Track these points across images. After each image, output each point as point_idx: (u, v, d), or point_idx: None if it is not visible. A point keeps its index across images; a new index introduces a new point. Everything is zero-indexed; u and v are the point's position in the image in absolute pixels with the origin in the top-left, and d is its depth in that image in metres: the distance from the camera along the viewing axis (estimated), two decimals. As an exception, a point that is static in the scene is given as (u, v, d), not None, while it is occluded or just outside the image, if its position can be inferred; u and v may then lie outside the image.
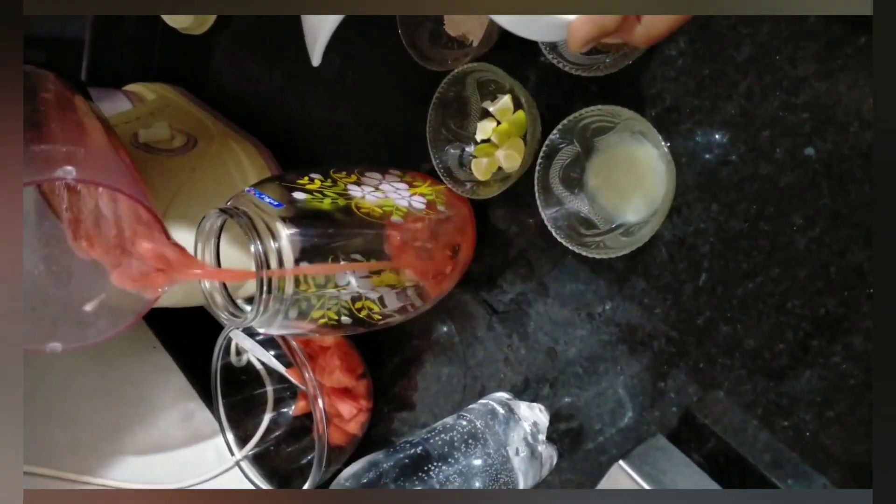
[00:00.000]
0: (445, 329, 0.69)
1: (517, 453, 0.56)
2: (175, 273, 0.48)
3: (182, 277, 0.49)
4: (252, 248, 0.49)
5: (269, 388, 0.84)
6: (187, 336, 0.90)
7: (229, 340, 0.77)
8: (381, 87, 0.70)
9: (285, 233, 0.50)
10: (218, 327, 0.90)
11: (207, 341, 0.88)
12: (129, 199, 0.46)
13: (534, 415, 0.59)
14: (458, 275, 0.63)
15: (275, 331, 0.55)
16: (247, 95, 0.85)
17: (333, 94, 0.74)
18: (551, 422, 0.59)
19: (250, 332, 0.76)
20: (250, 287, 0.76)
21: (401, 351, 0.74)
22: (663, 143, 0.46)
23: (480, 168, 0.58)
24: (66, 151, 0.46)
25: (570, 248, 0.51)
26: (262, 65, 0.82)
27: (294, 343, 0.68)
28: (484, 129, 0.58)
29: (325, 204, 0.54)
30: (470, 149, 0.60)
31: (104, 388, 0.79)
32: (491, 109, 0.58)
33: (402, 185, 0.61)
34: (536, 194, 0.52)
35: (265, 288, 0.49)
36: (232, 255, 0.61)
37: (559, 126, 0.51)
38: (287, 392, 0.85)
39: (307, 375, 0.67)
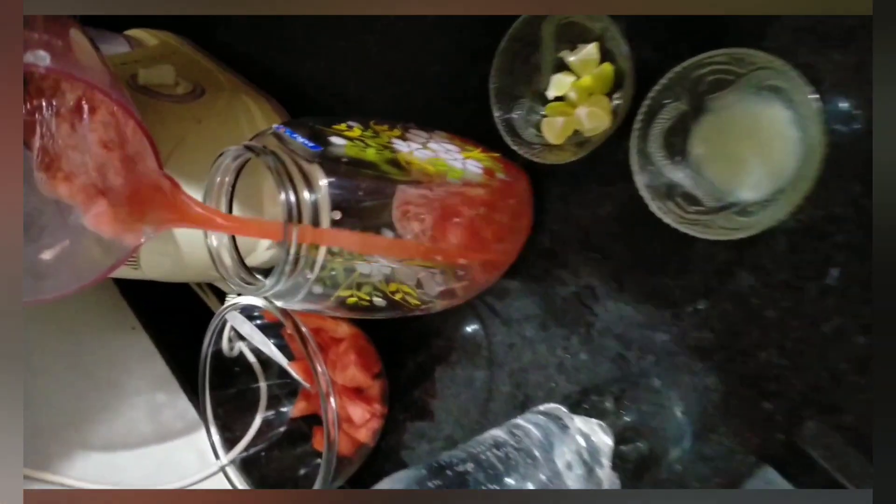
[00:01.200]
0: (481, 325, 0.59)
1: (569, 467, 0.45)
2: (172, 214, 0.37)
3: (182, 222, 0.38)
4: (282, 198, 0.38)
5: (263, 384, 0.73)
6: (171, 318, 0.79)
7: (223, 324, 0.66)
8: (421, 36, 0.60)
9: (324, 182, 0.40)
10: (205, 310, 0.79)
11: (194, 325, 0.77)
12: (117, 110, 0.35)
13: (591, 430, 0.49)
14: (510, 259, 0.53)
15: (294, 305, 0.45)
16: (261, 51, 0.74)
17: (363, 43, 0.64)
18: (614, 442, 0.49)
19: (249, 315, 0.65)
20: (257, 256, 0.66)
21: (425, 348, 0.63)
22: (812, 98, 0.37)
23: (555, 129, 0.48)
24: (42, 39, 0.36)
25: (674, 225, 0.41)
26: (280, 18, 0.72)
27: (305, 330, 0.57)
28: (559, 84, 0.48)
29: (370, 154, 0.43)
30: (539, 108, 0.50)
31: (71, 367, 0.68)
32: (571, 59, 0.48)
33: (453, 147, 0.50)
34: (632, 160, 0.43)
35: (294, 250, 0.39)
36: (242, 212, 0.51)
37: (667, 76, 0.41)
38: (284, 389, 0.73)
39: (319, 369, 0.56)
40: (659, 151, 0.43)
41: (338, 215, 0.40)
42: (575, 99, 0.48)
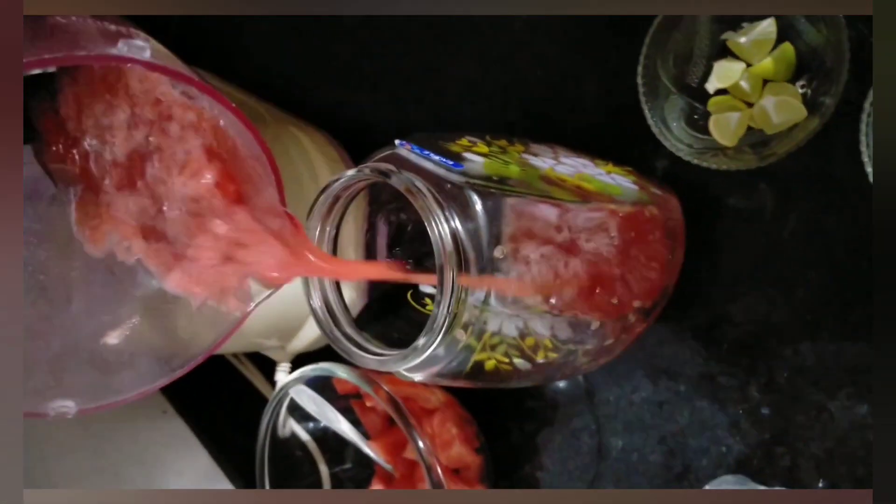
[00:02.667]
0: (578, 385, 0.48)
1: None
2: (296, 265, 0.27)
3: (307, 273, 0.27)
4: (435, 232, 0.28)
5: (325, 471, 0.61)
6: (208, 397, 0.67)
7: (283, 400, 0.55)
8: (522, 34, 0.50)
9: (479, 207, 0.29)
10: (244, 386, 0.67)
11: (234, 403, 0.66)
12: (232, 126, 0.25)
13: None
14: (667, 295, 0.42)
15: (422, 377, 0.34)
16: (300, 80, 0.64)
17: (443, 43, 0.54)
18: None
19: (318, 388, 0.53)
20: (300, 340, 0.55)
21: (530, 412, 0.52)
22: None
23: (728, 128, 0.38)
24: (121, 29, 0.26)
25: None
26: (315, 42, 0.61)
27: (398, 400, 0.46)
28: (726, 73, 0.39)
29: (514, 171, 0.33)
30: (696, 105, 0.40)
31: (97, 469, 0.55)
32: (741, 41, 0.38)
33: (586, 161, 0.40)
34: (865, 150, 0.33)
35: (454, 299, 0.28)
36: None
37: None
38: (349, 473, 0.62)
39: (421, 447, 0.45)
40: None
41: (501, 252, 0.30)
42: (748, 90, 0.38)
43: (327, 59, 0.60)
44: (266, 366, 0.65)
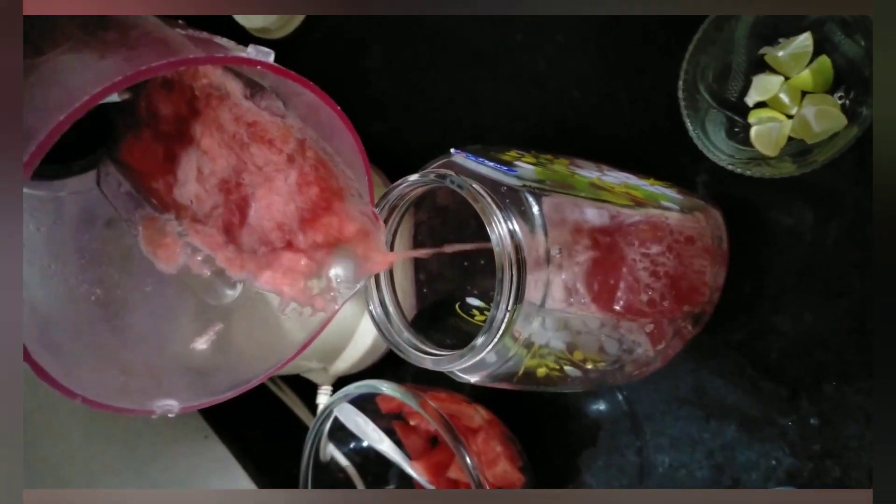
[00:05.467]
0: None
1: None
2: (378, 262, 0.28)
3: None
4: (495, 232, 0.29)
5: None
6: (247, 420, 0.67)
7: (325, 422, 0.55)
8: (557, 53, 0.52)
9: (536, 209, 0.30)
10: (283, 412, 0.68)
11: (273, 426, 0.66)
12: (331, 113, 0.26)
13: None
14: (713, 302, 0.43)
15: (477, 378, 0.35)
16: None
17: (470, 70, 0.56)
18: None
19: (363, 407, 0.54)
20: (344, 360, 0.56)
21: (578, 431, 0.52)
22: None
23: (770, 139, 0.39)
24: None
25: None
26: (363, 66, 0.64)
27: (444, 416, 0.47)
28: (765, 86, 0.40)
29: (564, 177, 0.34)
30: (737, 118, 0.41)
31: (140, 488, 0.56)
32: (779, 55, 0.39)
33: (628, 174, 0.41)
34: None
35: (513, 298, 0.29)
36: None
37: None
38: (388, 497, 0.61)
39: (469, 463, 0.45)
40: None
41: (557, 251, 0.30)
42: (787, 102, 0.39)
43: (362, 85, 0.62)
44: (305, 392, 0.65)
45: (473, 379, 0.34)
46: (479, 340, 0.30)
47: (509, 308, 0.29)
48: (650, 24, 0.46)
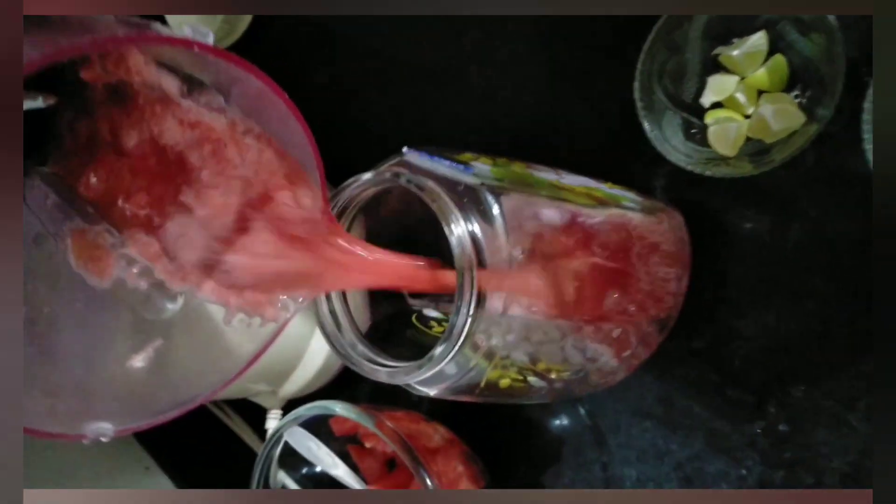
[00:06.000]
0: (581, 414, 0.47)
1: None
2: (336, 270, 0.25)
3: (350, 274, 0.26)
4: (455, 232, 0.27)
5: (320, 522, 0.57)
6: (189, 449, 0.63)
7: (275, 448, 0.52)
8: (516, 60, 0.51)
9: (496, 210, 0.29)
10: (229, 438, 0.64)
11: (218, 455, 0.63)
12: (279, 105, 0.24)
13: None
14: (678, 308, 0.42)
15: (436, 391, 0.32)
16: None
17: (429, 80, 0.54)
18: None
19: (315, 431, 0.51)
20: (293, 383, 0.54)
21: (541, 446, 0.50)
22: None
23: (727, 138, 0.39)
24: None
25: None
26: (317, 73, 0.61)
27: (402, 436, 0.44)
28: (720, 86, 0.39)
29: (523, 176, 0.33)
30: (693, 119, 0.41)
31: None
32: (734, 54, 0.39)
33: (586, 178, 0.40)
34: (867, 148, 0.33)
35: (472, 303, 0.27)
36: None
37: None
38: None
39: (430, 485, 0.43)
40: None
41: (519, 252, 0.29)
42: (744, 101, 0.39)
43: (307, 102, 0.60)
44: (253, 417, 0.62)
45: (432, 392, 0.32)
46: (439, 350, 0.28)
47: (471, 314, 0.27)
48: (601, 28, 0.46)
